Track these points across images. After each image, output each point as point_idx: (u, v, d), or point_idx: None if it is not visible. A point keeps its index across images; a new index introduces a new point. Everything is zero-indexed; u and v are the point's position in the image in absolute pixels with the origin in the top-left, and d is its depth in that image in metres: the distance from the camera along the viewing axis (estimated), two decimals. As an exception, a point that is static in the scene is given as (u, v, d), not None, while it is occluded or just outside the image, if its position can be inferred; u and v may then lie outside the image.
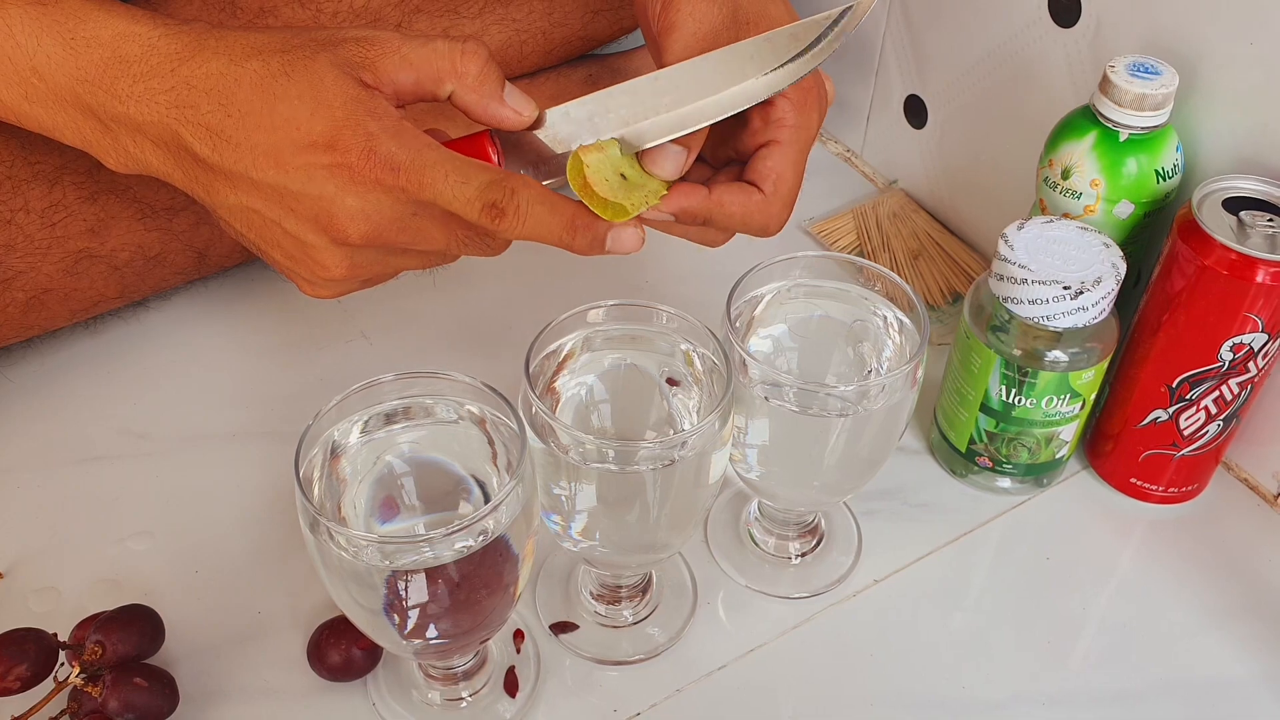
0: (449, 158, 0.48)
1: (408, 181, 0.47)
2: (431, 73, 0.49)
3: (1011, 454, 0.62)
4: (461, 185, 0.47)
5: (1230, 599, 0.60)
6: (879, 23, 0.81)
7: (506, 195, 0.47)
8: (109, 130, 0.50)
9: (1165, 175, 0.59)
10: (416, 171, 0.47)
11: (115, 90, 0.49)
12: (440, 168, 0.47)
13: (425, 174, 0.47)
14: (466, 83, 0.50)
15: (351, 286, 0.53)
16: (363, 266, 0.50)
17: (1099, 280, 0.55)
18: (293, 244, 0.50)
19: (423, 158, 0.47)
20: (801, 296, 0.56)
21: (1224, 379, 0.58)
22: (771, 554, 0.62)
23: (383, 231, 0.48)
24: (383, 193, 0.47)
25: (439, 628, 0.47)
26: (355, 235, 0.48)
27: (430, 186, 0.47)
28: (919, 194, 0.84)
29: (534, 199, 0.48)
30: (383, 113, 0.48)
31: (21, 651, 0.50)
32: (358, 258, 0.50)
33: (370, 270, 0.51)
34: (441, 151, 0.48)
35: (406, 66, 0.49)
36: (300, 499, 0.43)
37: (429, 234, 0.49)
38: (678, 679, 0.56)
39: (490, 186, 0.47)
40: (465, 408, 0.49)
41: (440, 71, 0.49)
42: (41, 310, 0.65)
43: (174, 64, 0.48)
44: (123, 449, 0.66)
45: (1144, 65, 0.58)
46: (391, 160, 0.47)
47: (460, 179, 0.47)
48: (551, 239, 0.49)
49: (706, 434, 0.48)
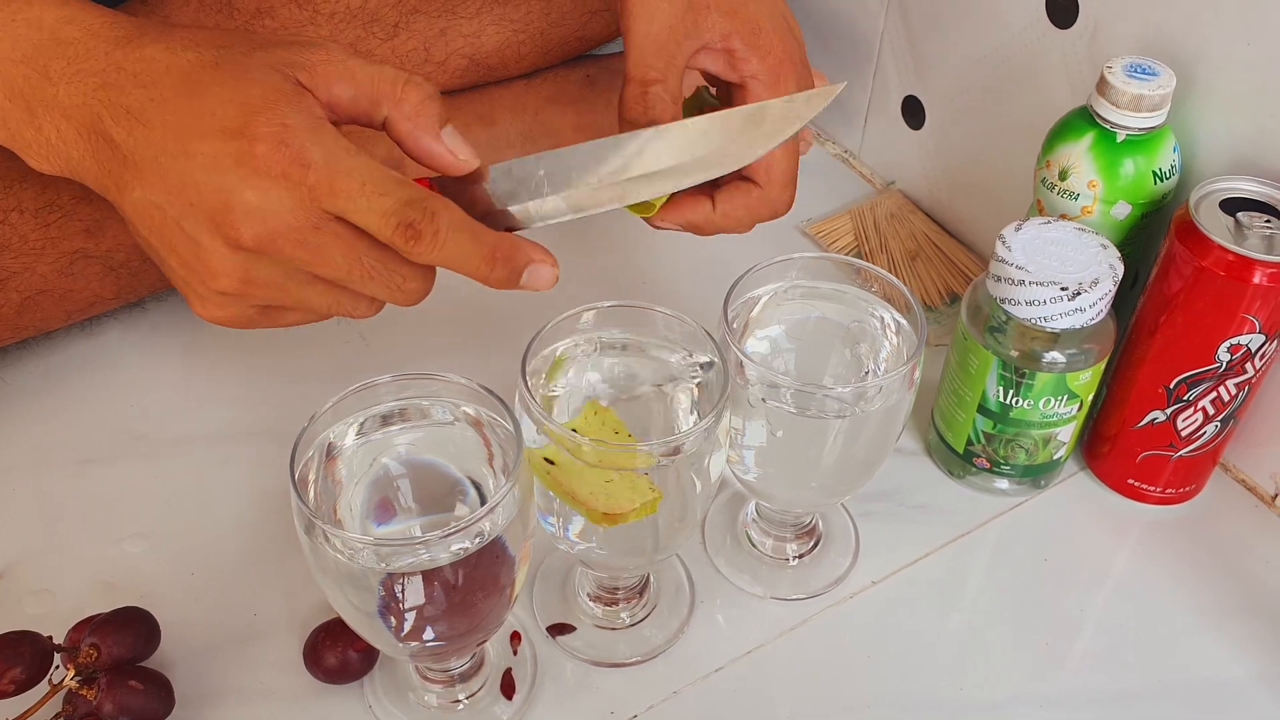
0: (368, 165, 0.44)
1: (317, 182, 0.44)
2: (370, 92, 0.47)
3: (1009, 455, 0.62)
4: (378, 197, 0.44)
5: (1228, 600, 0.60)
6: (877, 24, 0.81)
7: (426, 216, 0.44)
8: (34, 117, 0.48)
9: (1162, 176, 0.59)
10: (329, 173, 0.44)
11: (48, 71, 0.47)
12: (357, 174, 0.44)
13: (339, 179, 0.44)
14: (403, 110, 0.47)
15: (245, 311, 0.48)
16: (255, 284, 0.46)
17: (1096, 281, 0.55)
18: (188, 247, 0.46)
19: (339, 160, 0.44)
20: (798, 298, 0.56)
21: (1221, 380, 0.58)
22: (769, 555, 0.62)
23: (278, 238, 0.44)
24: (286, 191, 0.44)
25: (435, 630, 0.46)
26: (247, 235, 0.44)
27: (342, 192, 0.44)
28: (917, 195, 0.84)
29: (455, 224, 0.45)
30: (305, 109, 0.45)
31: (16, 654, 0.50)
32: (251, 270, 0.46)
33: (265, 292, 0.47)
34: (362, 159, 0.45)
35: (347, 79, 0.47)
36: (295, 501, 0.43)
37: (330, 255, 0.45)
38: (675, 681, 0.56)
39: (409, 204, 0.44)
40: (461, 409, 0.49)
41: (379, 93, 0.47)
42: (37, 311, 0.65)
43: (109, 47, 0.47)
44: (119, 451, 0.66)
45: (1141, 66, 0.58)
46: (303, 155, 0.44)
47: (377, 190, 0.44)
48: (468, 269, 0.47)
49: (703, 435, 0.48)
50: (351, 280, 0.46)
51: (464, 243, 0.46)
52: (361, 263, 0.46)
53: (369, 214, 0.44)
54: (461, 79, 0.77)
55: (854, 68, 0.84)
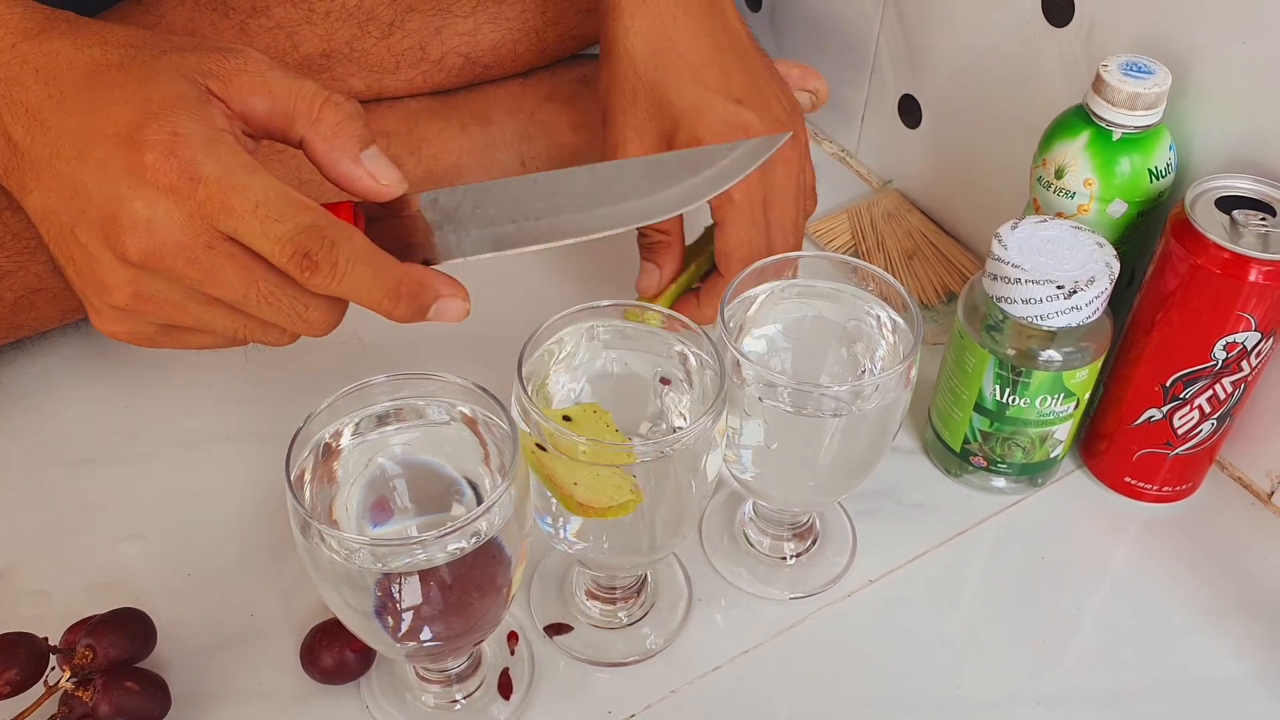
0: (265, 185, 0.41)
1: (207, 198, 0.41)
2: (286, 108, 0.44)
3: (1006, 453, 0.62)
4: (273, 222, 0.41)
5: (1224, 598, 0.60)
6: (873, 23, 0.81)
7: (324, 246, 0.41)
8: None
9: (1158, 174, 0.59)
10: (222, 191, 0.41)
11: None
12: (251, 194, 0.41)
13: (232, 197, 0.41)
14: (320, 130, 0.44)
15: (145, 328, 0.46)
16: (150, 301, 0.43)
17: (1092, 280, 0.55)
18: (82, 257, 0.43)
19: (233, 178, 0.41)
20: (795, 297, 0.56)
21: (1217, 378, 0.58)
22: (766, 554, 0.62)
23: (166, 255, 0.41)
24: (175, 205, 0.41)
25: (432, 630, 0.46)
26: (134, 249, 0.41)
27: (235, 213, 0.41)
28: (913, 194, 0.84)
29: (357, 256, 0.42)
30: (204, 118, 0.42)
31: (12, 656, 0.50)
32: (144, 286, 0.43)
33: (161, 310, 0.44)
34: (260, 177, 0.42)
35: (264, 91, 0.44)
36: (291, 502, 0.43)
37: (224, 277, 0.42)
38: (673, 680, 0.56)
39: (307, 231, 0.41)
40: (457, 409, 0.49)
41: (295, 111, 0.44)
42: (31, 310, 0.64)
43: (16, 39, 0.44)
44: (114, 452, 0.66)
45: (1137, 65, 0.58)
46: (193, 168, 0.41)
47: (273, 214, 0.41)
48: (369, 304, 0.44)
49: (700, 433, 0.48)
50: (249, 305, 0.43)
51: (365, 276, 0.43)
52: (258, 287, 0.43)
53: (262, 239, 0.41)
54: (457, 78, 0.77)
55: (850, 67, 0.84)
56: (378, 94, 0.76)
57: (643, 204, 0.47)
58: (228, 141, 0.42)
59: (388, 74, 0.75)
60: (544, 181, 0.47)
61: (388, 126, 0.76)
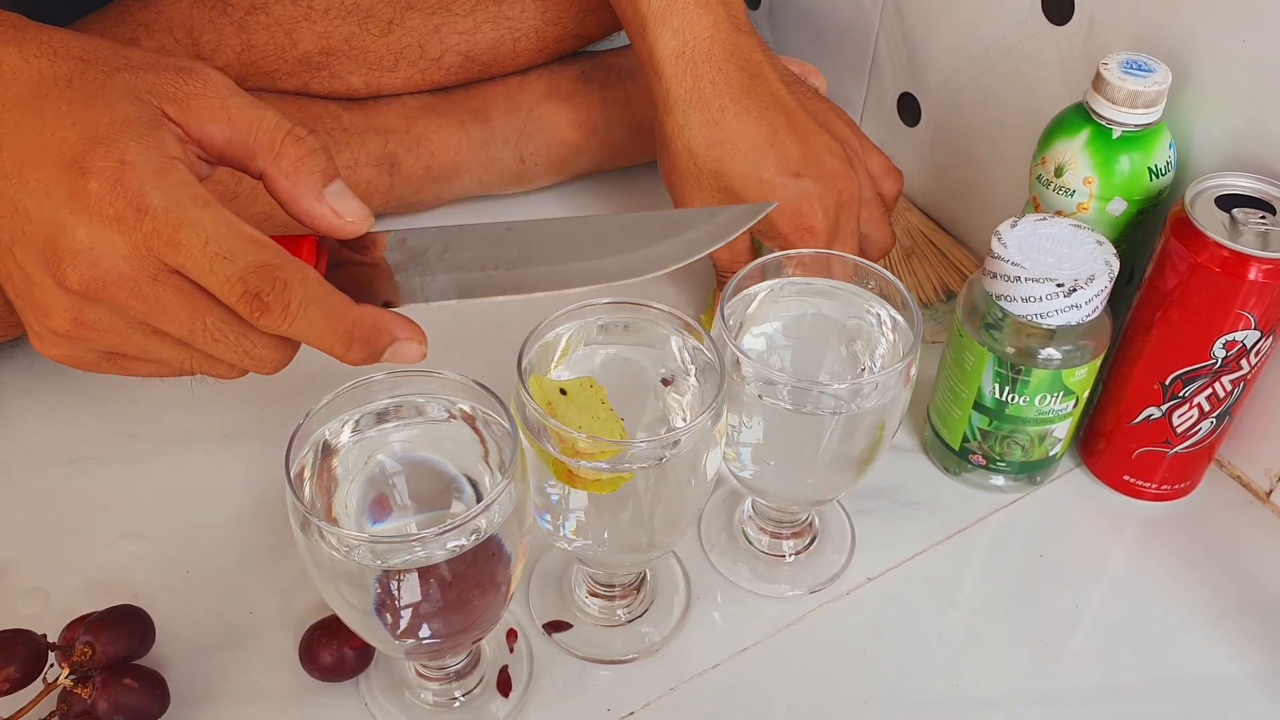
0: (217, 221, 0.39)
1: (154, 232, 0.39)
2: (246, 139, 0.42)
3: (1005, 452, 0.62)
4: (223, 260, 0.39)
5: (1223, 596, 0.60)
6: (872, 21, 0.81)
7: (275, 288, 0.40)
8: None
9: (1158, 173, 0.59)
10: (170, 225, 0.39)
11: None
12: (201, 230, 0.39)
13: (180, 232, 0.39)
14: (281, 165, 0.42)
15: (86, 354, 0.44)
16: (91, 328, 0.41)
17: (1092, 278, 0.55)
18: (21, 278, 0.41)
19: (182, 212, 0.39)
20: (795, 294, 0.56)
21: (1217, 376, 0.58)
22: (765, 552, 0.62)
23: (109, 286, 0.39)
24: (119, 235, 0.39)
25: (431, 627, 0.46)
26: (75, 278, 0.39)
27: (183, 248, 0.39)
28: (912, 192, 0.84)
29: (310, 298, 0.40)
30: (156, 145, 0.40)
31: (10, 653, 0.50)
32: (85, 314, 0.41)
33: (104, 338, 0.42)
34: (211, 211, 0.39)
35: (223, 118, 0.42)
36: (291, 499, 0.43)
37: (169, 310, 0.40)
38: (672, 678, 0.56)
39: (258, 271, 0.39)
40: (457, 406, 0.49)
41: (256, 143, 0.42)
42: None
43: None
44: (113, 450, 0.66)
45: (1137, 63, 0.58)
46: (140, 199, 0.38)
47: (222, 251, 0.39)
48: (322, 347, 0.42)
49: (700, 432, 0.48)
50: (195, 340, 0.41)
51: (317, 319, 0.41)
52: (205, 322, 0.41)
53: (211, 276, 0.39)
54: (456, 76, 0.77)
55: (849, 65, 0.84)
56: (376, 91, 0.76)
57: (616, 262, 0.45)
58: (179, 171, 0.40)
59: (387, 72, 0.75)
60: (518, 230, 0.45)
61: (386, 124, 0.76)
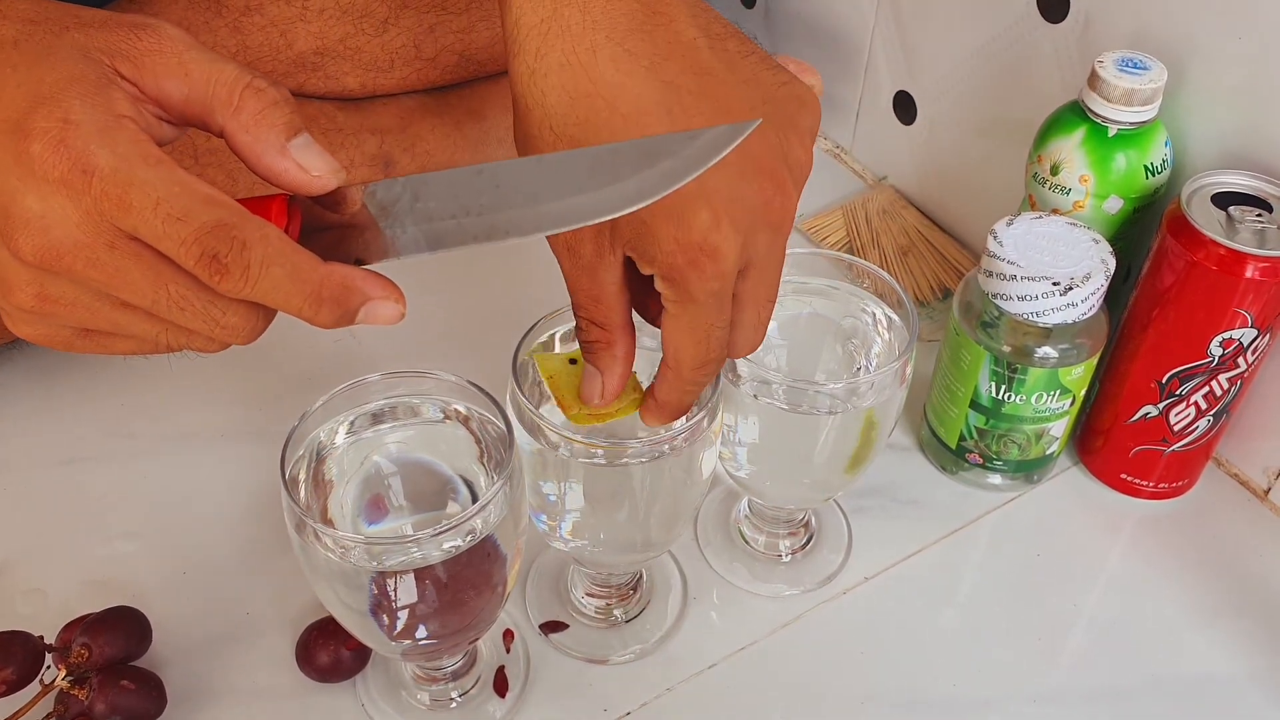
0: (169, 180, 0.37)
1: (103, 194, 0.36)
2: (204, 95, 0.39)
3: (1002, 450, 0.62)
4: (176, 221, 0.36)
5: (1220, 595, 0.60)
6: (868, 19, 0.80)
7: (234, 247, 0.37)
8: None
9: (1154, 171, 0.59)
10: (118, 186, 0.36)
11: None
12: (151, 190, 0.36)
13: (130, 192, 0.36)
14: (240, 120, 0.39)
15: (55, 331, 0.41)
16: (57, 303, 0.39)
17: (1088, 276, 0.55)
18: None
19: (131, 171, 0.36)
20: (791, 293, 0.56)
21: (1214, 374, 0.58)
22: (762, 552, 0.62)
23: (64, 255, 0.37)
24: (69, 200, 0.36)
25: (427, 628, 0.46)
26: (28, 248, 0.37)
27: (135, 210, 0.36)
28: (908, 190, 0.84)
29: (271, 259, 0.37)
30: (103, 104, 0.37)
31: (7, 654, 0.50)
32: (48, 287, 0.38)
33: (70, 313, 0.39)
34: (163, 170, 0.37)
35: (180, 74, 0.39)
36: (286, 500, 0.43)
37: (130, 279, 0.37)
38: (668, 678, 0.56)
39: (214, 230, 0.36)
40: (452, 407, 0.49)
41: (214, 98, 0.39)
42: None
43: None
44: (109, 449, 0.66)
45: (1132, 60, 0.58)
46: (85, 160, 0.36)
47: (175, 211, 0.36)
48: (289, 309, 0.39)
49: (695, 431, 0.48)
50: (159, 309, 0.39)
51: (281, 279, 0.38)
52: (168, 290, 0.38)
53: (165, 239, 0.37)
54: (452, 75, 0.77)
55: (845, 63, 0.84)
56: (372, 92, 0.76)
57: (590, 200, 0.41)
58: (127, 129, 0.37)
59: (382, 72, 0.75)
60: (488, 173, 0.41)
61: (382, 124, 0.76)
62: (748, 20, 0.93)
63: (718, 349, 0.44)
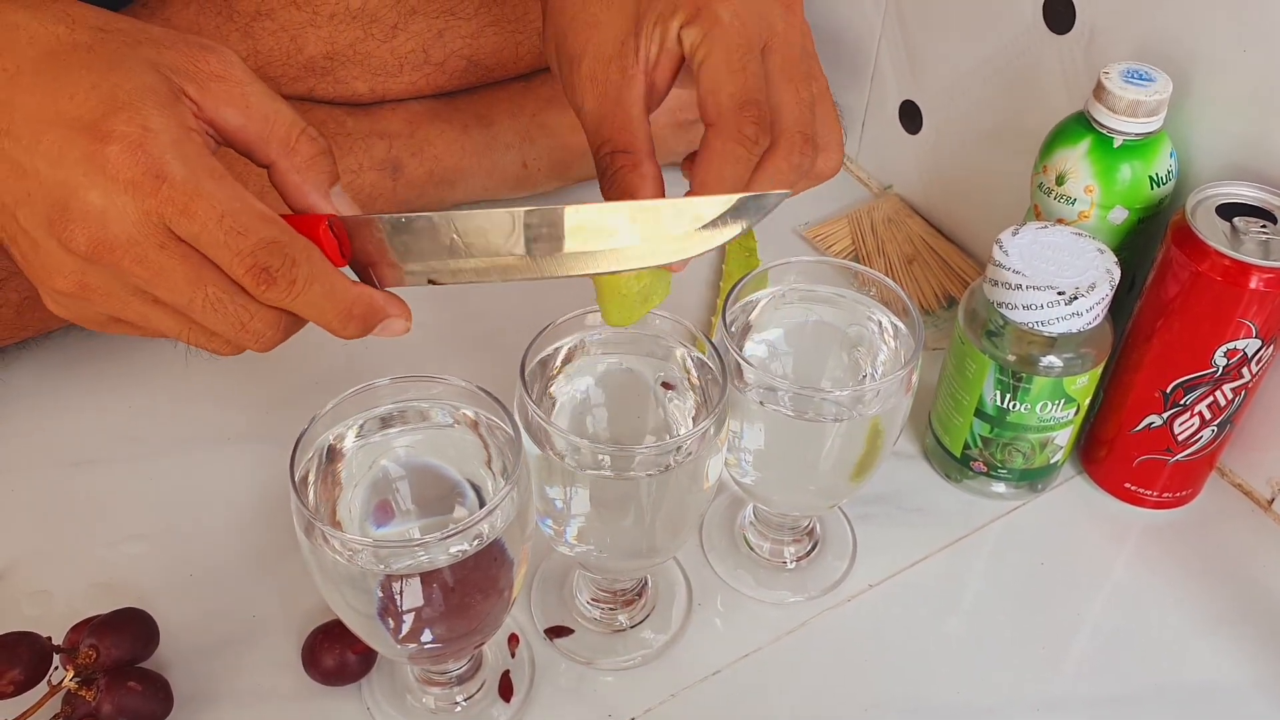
0: (230, 195, 0.40)
1: (169, 201, 0.39)
2: (263, 130, 0.43)
3: (1006, 459, 0.63)
4: (237, 234, 0.40)
5: (1224, 605, 0.60)
6: (874, 28, 0.81)
7: (285, 263, 0.41)
8: None
9: (1159, 181, 0.59)
10: (186, 195, 0.39)
11: None
12: (217, 203, 0.40)
13: (196, 203, 0.40)
14: (294, 161, 0.44)
15: (94, 315, 0.44)
16: (95, 292, 0.42)
17: (1093, 286, 0.55)
18: (25, 240, 0.42)
19: (200, 183, 0.40)
20: (797, 301, 0.56)
21: (1218, 384, 0.58)
22: (766, 558, 0.62)
23: (114, 249, 0.40)
24: (132, 200, 0.39)
25: (434, 632, 0.47)
26: (82, 239, 0.40)
27: (197, 219, 0.40)
28: (913, 199, 0.84)
29: (314, 277, 0.42)
30: (176, 117, 0.40)
31: (15, 655, 0.50)
32: (89, 277, 0.41)
33: (105, 303, 0.42)
34: (227, 187, 0.40)
35: (241, 105, 0.43)
36: (295, 503, 0.43)
37: (172, 279, 0.41)
38: (673, 683, 0.56)
39: (269, 246, 0.40)
40: (461, 412, 0.49)
41: (271, 135, 0.44)
42: (36, 311, 0.65)
43: None
44: (117, 451, 0.66)
45: (1138, 72, 0.58)
46: (160, 167, 0.39)
47: (236, 226, 0.40)
48: (321, 322, 0.44)
49: (702, 439, 0.48)
50: (193, 310, 0.42)
51: (319, 295, 0.42)
52: (205, 291, 0.41)
53: (222, 249, 0.40)
54: (460, 80, 0.78)
55: (851, 72, 0.84)
56: (380, 96, 0.76)
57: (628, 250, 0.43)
58: (195, 143, 0.41)
59: (391, 76, 0.75)
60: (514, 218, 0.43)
61: (390, 129, 0.76)
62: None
63: (755, 83, 0.46)
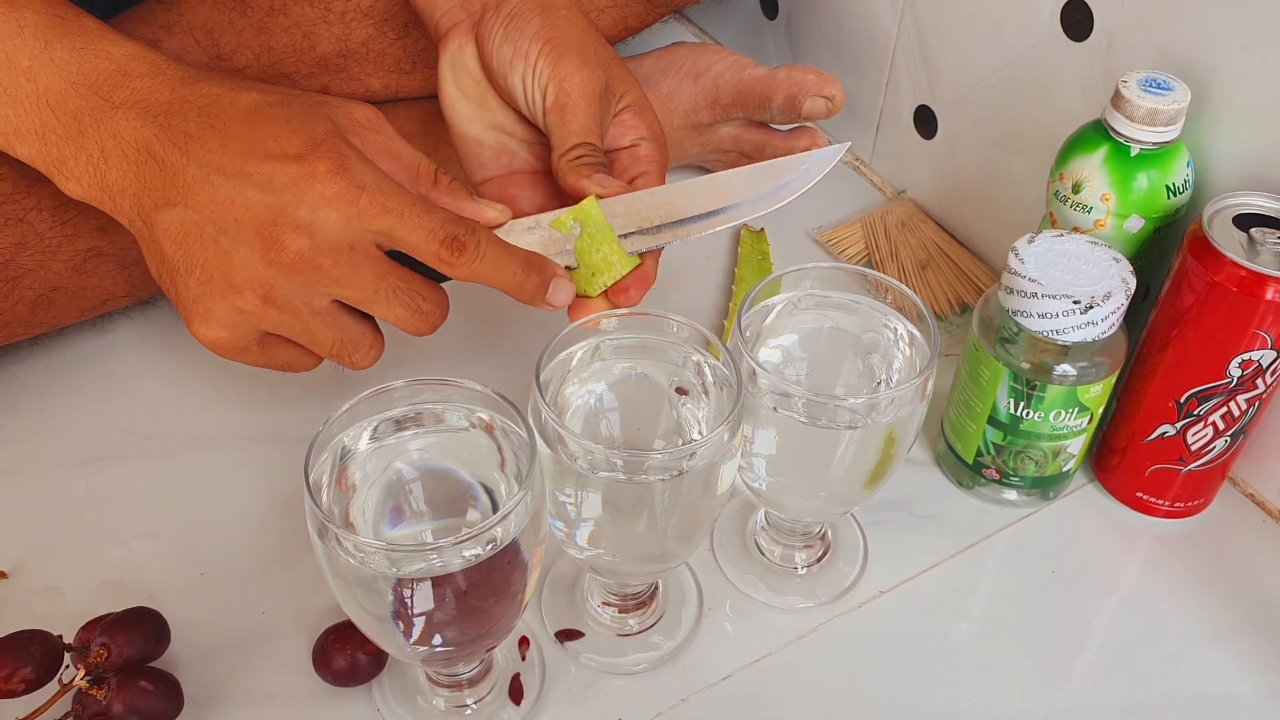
0: (410, 196, 0.50)
1: (369, 204, 0.49)
2: (411, 173, 0.54)
3: (1018, 467, 0.62)
4: (426, 214, 0.50)
5: (1235, 614, 0.60)
6: (890, 32, 0.81)
7: (468, 231, 0.51)
8: (82, 134, 0.51)
9: (1176, 191, 0.59)
10: (383, 196, 0.49)
11: (111, 96, 0.51)
12: (404, 199, 0.50)
13: (391, 200, 0.50)
14: (435, 192, 0.54)
15: (241, 336, 0.52)
16: (273, 304, 0.50)
17: (1109, 295, 0.55)
18: (217, 261, 0.50)
19: (389, 187, 0.50)
20: (812, 307, 0.56)
21: (1232, 395, 0.58)
22: (778, 564, 0.62)
23: (319, 253, 0.49)
24: (336, 212, 0.49)
25: (445, 635, 0.47)
26: (292, 250, 0.49)
27: (394, 210, 0.50)
28: (927, 204, 0.84)
29: (492, 240, 0.52)
30: (355, 150, 0.51)
31: (26, 653, 0.50)
32: (276, 288, 0.50)
33: (278, 316, 0.51)
34: (406, 191, 0.51)
35: (392, 154, 0.53)
36: (309, 504, 0.43)
37: (363, 274, 0.50)
38: (683, 688, 0.56)
39: (453, 221, 0.51)
40: (475, 415, 0.49)
41: (420, 177, 0.54)
42: (50, 308, 0.65)
43: (175, 84, 0.52)
44: (128, 449, 0.66)
45: (1156, 80, 0.58)
46: (359, 180, 0.49)
47: (424, 209, 0.50)
48: (505, 277, 0.52)
49: (716, 444, 0.48)
50: (376, 300, 0.51)
51: (500, 255, 0.52)
52: (388, 281, 0.51)
53: (417, 230, 0.50)
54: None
55: (866, 76, 0.84)
56: (395, 94, 0.76)
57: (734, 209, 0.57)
58: (374, 165, 0.51)
59: (404, 74, 0.75)
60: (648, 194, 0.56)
61: (405, 127, 0.76)
62: (770, 31, 0.93)
63: None
